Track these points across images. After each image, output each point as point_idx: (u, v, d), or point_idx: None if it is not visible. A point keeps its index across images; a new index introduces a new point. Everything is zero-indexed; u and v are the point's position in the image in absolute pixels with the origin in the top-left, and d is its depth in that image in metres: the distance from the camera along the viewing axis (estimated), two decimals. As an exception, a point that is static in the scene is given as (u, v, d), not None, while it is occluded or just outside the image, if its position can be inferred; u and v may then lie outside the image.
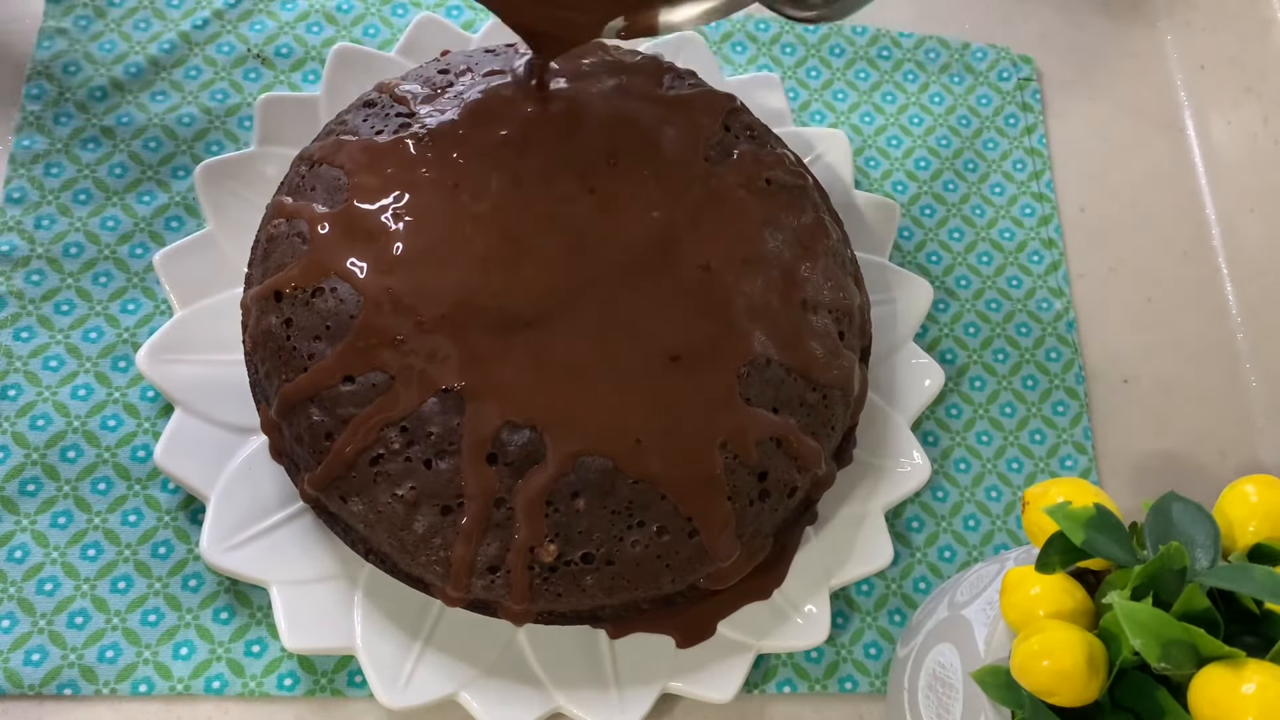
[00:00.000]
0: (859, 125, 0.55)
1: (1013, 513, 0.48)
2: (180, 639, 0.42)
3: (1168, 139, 0.58)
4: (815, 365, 0.41)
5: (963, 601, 0.38)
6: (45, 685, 0.41)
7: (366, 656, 0.40)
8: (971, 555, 0.47)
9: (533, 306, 0.38)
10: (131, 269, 0.47)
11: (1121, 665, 0.30)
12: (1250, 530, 0.33)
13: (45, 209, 0.48)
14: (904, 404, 0.47)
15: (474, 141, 0.41)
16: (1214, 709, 0.29)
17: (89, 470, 0.44)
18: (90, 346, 0.46)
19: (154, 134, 0.50)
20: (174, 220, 0.49)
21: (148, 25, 0.52)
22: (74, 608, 0.42)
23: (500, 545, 0.37)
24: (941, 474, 0.48)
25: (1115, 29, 0.60)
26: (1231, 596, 0.31)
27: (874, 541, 0.44)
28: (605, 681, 0.41)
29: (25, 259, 0.47)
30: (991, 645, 0.34)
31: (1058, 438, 0.50)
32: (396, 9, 0.54)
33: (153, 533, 0.43)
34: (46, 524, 0.43)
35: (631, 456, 0.37)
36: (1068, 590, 0.32)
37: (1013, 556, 0.38)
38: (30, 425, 0.44)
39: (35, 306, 0.46)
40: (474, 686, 0.41)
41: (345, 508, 0.39)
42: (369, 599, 0.41)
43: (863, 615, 0.45)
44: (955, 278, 0.52)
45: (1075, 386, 0.51)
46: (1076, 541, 0.31)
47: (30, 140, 0.49)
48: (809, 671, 0.44)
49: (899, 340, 0.48)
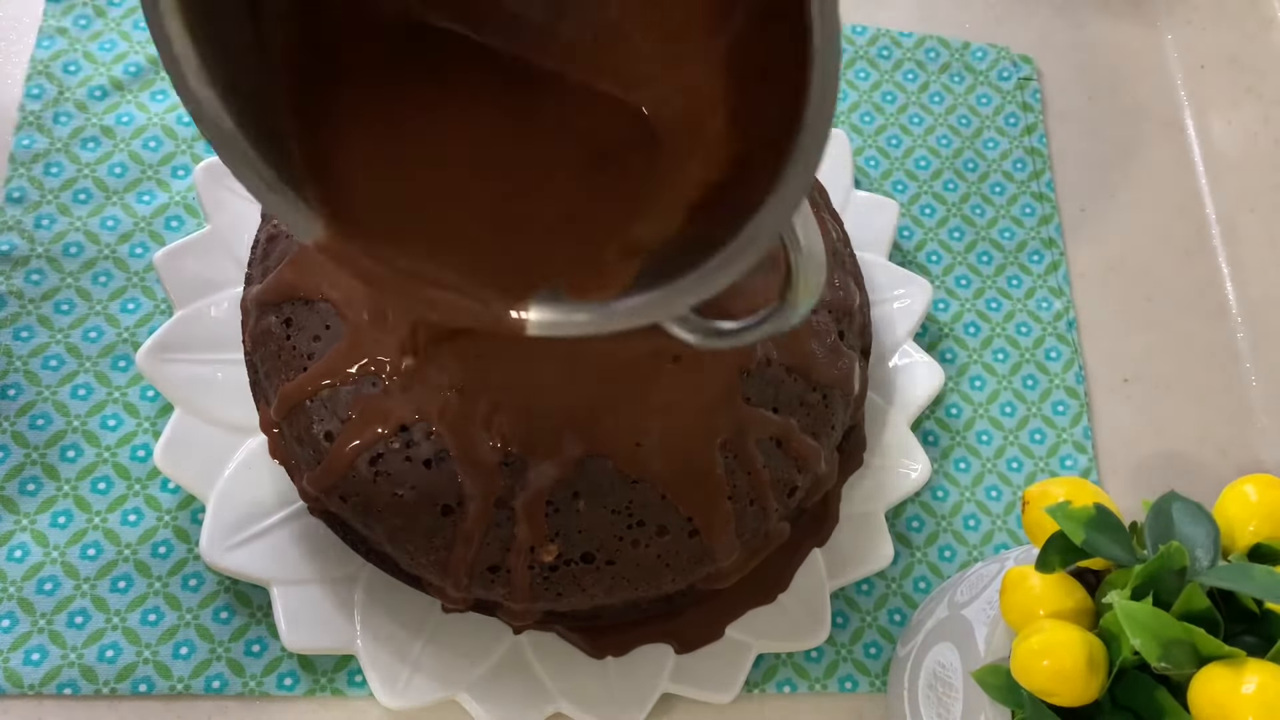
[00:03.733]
0: (859, 125, 0.55)
1: (1013, 512, 0.48)
2: (180, 638, 0.42)
3: (1168, 139, 0.58)
4: (815, 365, 0.41)
5: (963, 601, 0.38)
6: (45, 685, 0.41)
7: (366, 656, 0.40)
8: (972, 555, 0.47)
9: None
10: (131, 268, 0.47)
11: (1121, 665, 0.30)
12: (1250, 530, 0.33)
13: (45, 208, 0.48)
14: (904, 404, 0.47)
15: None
16: (1214, 709, 0.29)
17: (89, 470, 0.44)
18: (90, 346, 0.46)
19: (154, 133, 0.50)
20: (174, 220, 0.49)
21: (148, 25, 0.52)
22: (74, 607, 0.42)
23: (500, 545, 0.37)
24: (941, 474, 0.48)
25: (1115, 29, 0.60)
26: (1231, 596, 0.31)
27: (874, 541, 0.44)
28: (606, 682, 0.41)
29: (25, 258, 0.47)
30: (992, 645, 0.34)
31: (1058, 437, 0.50)
32: (396, 8, 0.54)
33: (153, 532, 0.43)
34: (46, 523, 0.43)
35: (632, 457, 0.37)
36: (1068, 590, 0.32)
37: (1013, 556, 0.38)
38: (30, 425, 0.44)
39: (35, 306, 0.46)
40: (474, 687, 0.41)
41: (345, 508, 0.39)
42: (369, 599, 0.41)
43: (863, 615, 0.45)
44: (955, 277, 0.52)
45: (1075, 386, 0.51)
46: (1077, 541, 0.31)
47: (30, 139, 0.49)
48: (809, 671, 0.44)
49: (899, 340, 0.48)
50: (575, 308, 0.30)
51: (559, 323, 0.30)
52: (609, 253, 0.31)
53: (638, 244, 0.31)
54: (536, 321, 0.30)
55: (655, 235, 0.31)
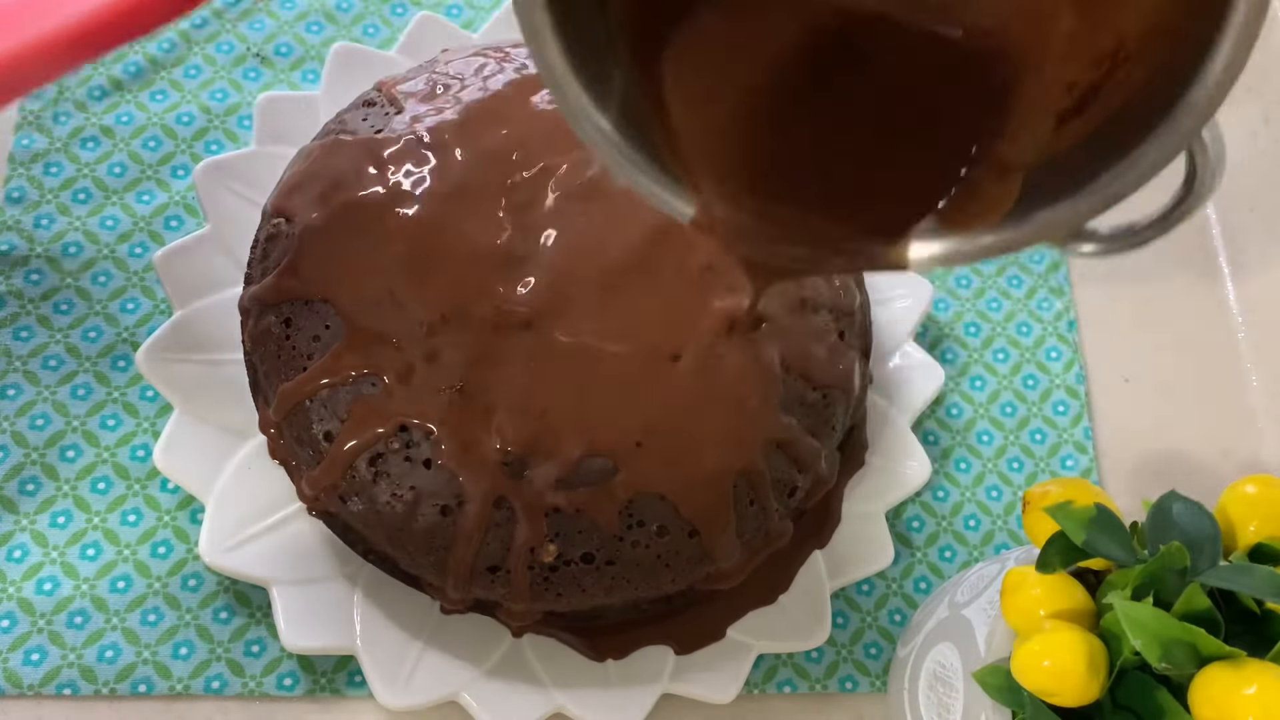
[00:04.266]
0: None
1: (1013, 512, 0.48)
2: (180, 639, 0.42)
3: (1168, 138, 0.57)
4: (815, 365, 0.41)
5: (963, 601, 0.38)
6: (45, 685, 0.41)
7: (366, 656, 0.40)
8: (972, 555, 0.47)
9: (531, 308, 0.38)
10: (131, 268, 0.47)
11: (1122, 665, 0.30)
12: (1251, 530, 0.33)
13: (44, 208, 0.48)
14: (904, 404, 0.47)
15: (474, 142, 0.41)
16: (1215, 709, 0.29)
17: (88, 470, 0.44)
18: (89, 346, 0.46)
19: (153, 133, 0.50)
20: (173, 219, 0.48)
21: (147, 24, 0.52)
22: (73, 607, 0.42)
23: (500, 545, 0.37)
24: (942, 474, 0.48)
25: (1115, 28, 0.60)
26: (1232, 596, 0.31)
27: (874, 541, 0.44)
28: (606, 682, 0.41)
29: (24, 258, 0.47)
30: (992, 645, 0.34)
31: (1058, 437, 0.50)
32: (396, 8, 0.54)
33: (152, 532, 0.43)
34: (46, 524, 0.43)
35: (631, 457, 0.37)
36: (1068, 590, 0.32)
37: (1013, 556, 0.38)
38: (30, 425, 0.44)
39: (34, 306, 0.46)
40: (475, 686, 0.40)
41: (345, 508, 0.38)
42: (369, 599, 0.41)
43: (863, 615, 0.45)
44: (956, 277, 0.52)
45: (1076, 386, 0.51)
46: (1077, 541, 0.31)
47: (29, 139, 0.49)
48: (809, 671, 0.44)
49: (899, 340, 0.48)
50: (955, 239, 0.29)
51: (938, 256, 0.29)
52: (982, 176, 0.30)
53: (1010, 163, 0.30)
54: (918, 257, 0.29)
55: (1028, 152, 0.30)
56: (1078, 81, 0.29)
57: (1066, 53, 0.29)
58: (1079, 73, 0.29)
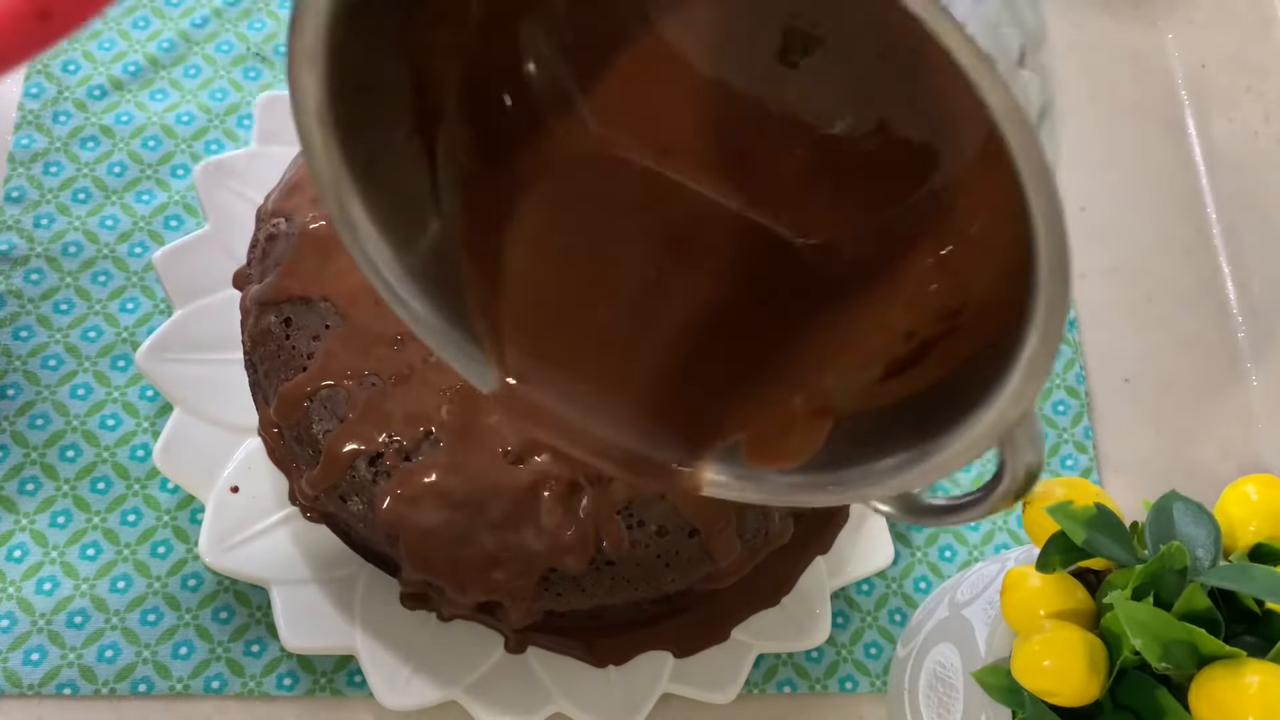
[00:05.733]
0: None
1: (1013, 512, 0.48)
2: (179, 638, 0.42)
3: (1168, 138, 0.58)
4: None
5: (963, 601, 0.38)
6: (45, 685, 0.41)
7: (366, 656, 0.40)
8: (972, 555, 0.47)
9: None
10: (131, 268, 0.47)
11: (1122, 665, 0.30)
12: (1251, 530, 0.33)
13: (44, 208, 0.48)
14: (904, 403, 0.47)
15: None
16: (1215, 709, 0.29)
17: (88, 470, 0.44)
18: (89, 345, 0.46)
19: (153, 133, 0.50)
20: (173, 219, 0.48)
21: (147, 23, 0.52)
22: (73, 607, 0.42)
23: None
24: (942, 473, 0.48)
25: (1115, 28, 0.60)
26: (1232, 596, 0.31)
27: (874, 541, 0.44)
28: (606, 683, 0.41)
29: (24, 258, 0.47)
30: (992, 645, 0.34)
31: (1058, 437, 0.50)
32: (396, 8, 0.54)
33: (152, 532, 0.43)
34: (46, 523, 0.43)
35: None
36: (1068, 590, 0.32)
37: (1013, 556, 0.38)
38: (29, 424, 0.44)
39: (34, 305, 0.46)
40: (474, 687, 0.40)
41: (345, 508, 0.38)
42: (369, 599, 0.41)
43: (863, 615, 0.45)
44: (955, 277, 0.52)
45: (1075, 386, 0.51)
46: (1077, 541, 0.31)
47: (29, 139, 0.49)
48: (809, 671, 0.44)
49: (899, 340, 0.48)
50: (752, 474, 0.28)
51: (732, 485, 0.28)
52: (799, 411, 0.29)
53: (829, 401, 0.29)
54: (712, 481, 0.29)
55: (849, 394, 0.29)
56: (917, 332, 0.28)
57: (914, 297, 0.28)
58: (921, 323, 0.28)
